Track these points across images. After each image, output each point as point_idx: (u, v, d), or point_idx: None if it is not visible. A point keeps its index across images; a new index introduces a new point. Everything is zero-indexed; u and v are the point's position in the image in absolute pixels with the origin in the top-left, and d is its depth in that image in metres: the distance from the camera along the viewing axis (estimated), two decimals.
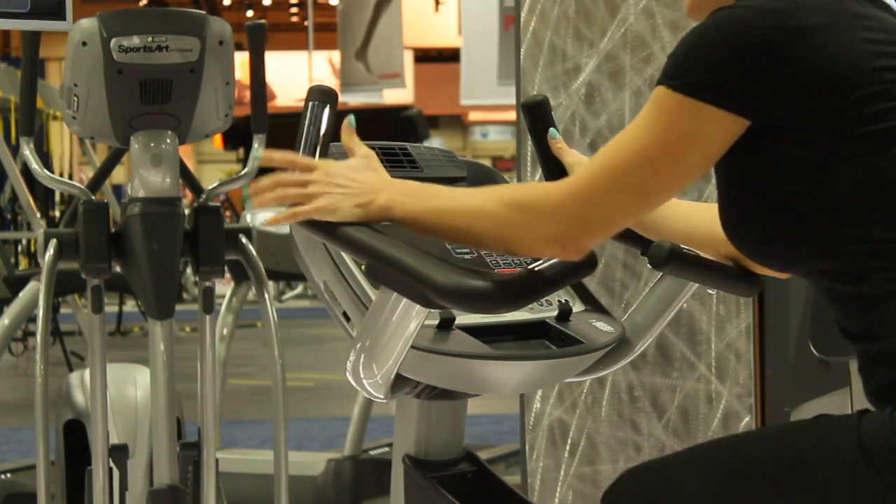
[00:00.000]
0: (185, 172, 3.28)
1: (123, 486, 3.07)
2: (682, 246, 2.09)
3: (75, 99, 2.89)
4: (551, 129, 2.17)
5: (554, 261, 1.82)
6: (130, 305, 11.90)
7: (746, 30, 1.74)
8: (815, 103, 1.73)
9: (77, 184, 3.19)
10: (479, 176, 2.34)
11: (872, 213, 1.74)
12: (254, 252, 3.19)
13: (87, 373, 3.10)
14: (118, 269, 3.01)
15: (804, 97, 1.73)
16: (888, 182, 1.73)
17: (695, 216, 2.15)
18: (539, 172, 3.38)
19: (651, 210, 1.82)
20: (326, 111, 1.96)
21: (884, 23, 1.82)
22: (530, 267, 1.83)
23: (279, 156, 1.89)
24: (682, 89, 1.74)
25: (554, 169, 2.19)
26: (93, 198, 3.06)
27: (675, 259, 2.07)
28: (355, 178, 1.87)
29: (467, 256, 2.14)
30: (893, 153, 1.73)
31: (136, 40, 2.81)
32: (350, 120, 1.95)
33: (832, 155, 1.74)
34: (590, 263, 1.84)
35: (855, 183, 1.74)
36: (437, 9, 19.55)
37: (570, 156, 2.17)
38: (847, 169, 1.73)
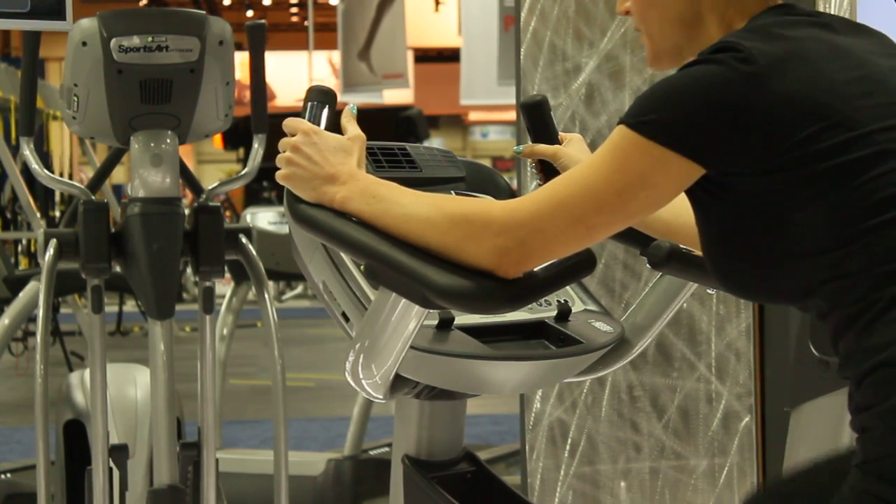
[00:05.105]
0: (185, 172, 3.29)
1: (123, 486, 3.07)
2: (681, 245, 2.09)
3: (75, 99, 2.89)
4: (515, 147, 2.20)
5: (553, 261, 1.82)
6: (130, 305, 11.89)
7: (708, 85, 1.74)
8: (768, 149, 1.73)
9: (77, 184, 3.20)
10: (478, 176, 2.34)
11: (838, 249, 1.73)
12: (254, 252, 3.19)
13: (87, 373, 3.11)
14: (118, 269, 3.01)
15: (759, 145, 1.73)
16: (850, 219, 1.73)
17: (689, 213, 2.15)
18: None
19: (592, 243, 1.82)
20: (325, 111, 1.96)
21: (848, 50, 1.81)
22: None
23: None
24: (640, 129, 1.74)
25: (548, 170, 2.19)
26: (93, 198, 3.06)
27: (674, 259, 2.07)
28: (327, 158, 1.91)
29: None
30: (853, 187, 1.72)
31: (136, 40, 2.81)
32: (351, 107, 2.00)
33: (792, 196, 1.74)
34: (589, 264, 1.84)
35: (819, 222, 1.73)
36: (437, 9, 19.53)
37: (565, 158, 2.18)
38: (808, 208, 1.73)
